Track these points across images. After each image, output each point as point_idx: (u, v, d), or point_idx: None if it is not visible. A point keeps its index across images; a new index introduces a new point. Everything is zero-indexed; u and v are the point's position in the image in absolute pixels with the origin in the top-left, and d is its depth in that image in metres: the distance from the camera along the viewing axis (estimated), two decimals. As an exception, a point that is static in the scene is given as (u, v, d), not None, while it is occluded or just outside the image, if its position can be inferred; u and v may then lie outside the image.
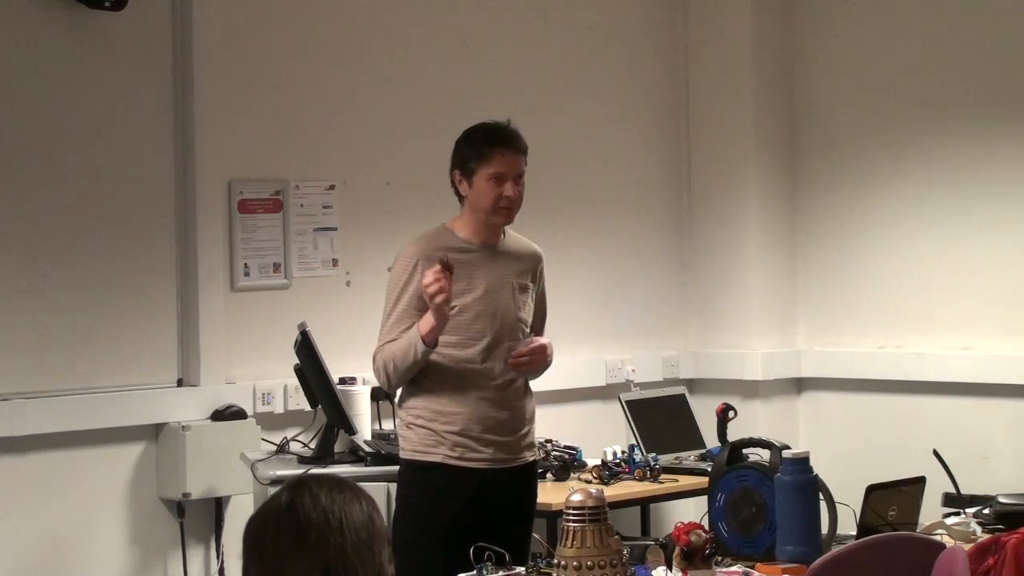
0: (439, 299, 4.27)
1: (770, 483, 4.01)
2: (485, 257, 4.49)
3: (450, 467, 4.41)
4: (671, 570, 3.70)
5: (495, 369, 4.45)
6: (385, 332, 4.48)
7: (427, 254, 4.41)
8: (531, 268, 4.59)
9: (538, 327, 4.64)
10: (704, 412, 6.16)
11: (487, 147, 4.44)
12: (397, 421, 4.58)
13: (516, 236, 4.61)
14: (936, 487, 4.63)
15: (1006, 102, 6.31)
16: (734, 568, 3.86)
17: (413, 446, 4.46)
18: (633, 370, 6.46)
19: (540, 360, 4.51)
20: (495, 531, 4.15)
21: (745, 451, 4.22)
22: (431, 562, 4.20)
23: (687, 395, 6.44)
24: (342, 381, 5.51)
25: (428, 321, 4.33)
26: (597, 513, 3.56)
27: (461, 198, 4.51)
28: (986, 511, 4.55)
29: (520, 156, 4.47)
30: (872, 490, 4.11)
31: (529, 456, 4.57)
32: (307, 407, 5.55)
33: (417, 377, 4.46)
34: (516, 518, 4.47)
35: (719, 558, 3.82)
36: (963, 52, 6.40)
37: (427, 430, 4.42)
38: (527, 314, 4.55)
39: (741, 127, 6.86)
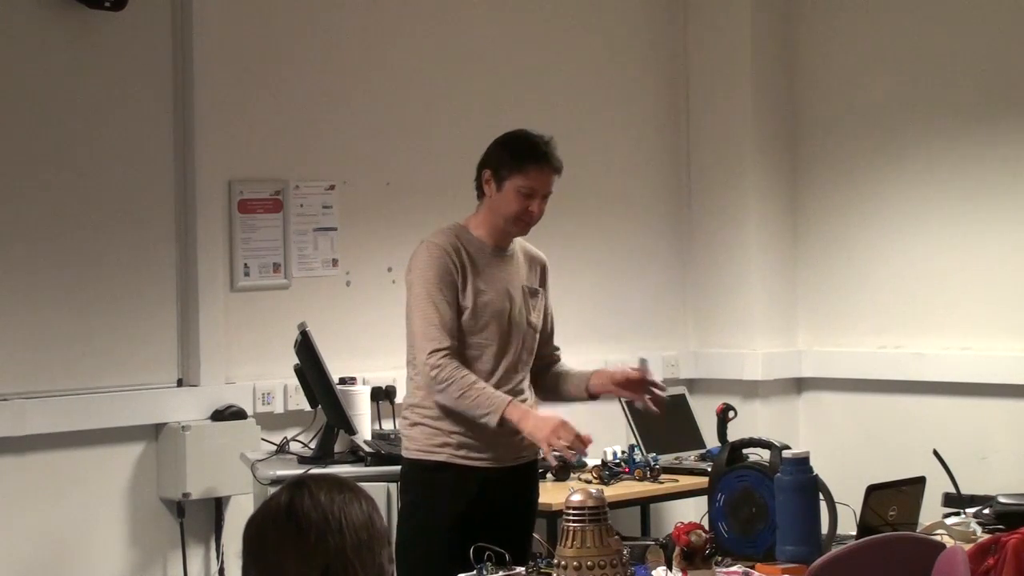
0: (559, 444, 4.25)
1: (770, 483, 4.01)
2: (497, 259, 4.48)
3: (455, 466, 4.40)
4: (671, 570, 3.70)
5: (505, 370, 4.44)
6: (437, 330, 4.31)
7: (454, 246, 4.39)
8: (538, 273, 4.61)
9: (549, 334, 4.64)
10: (704, 412, 6.17)
11: (527, 160, 4.41)
12: (401, 420, 4.57)
13: (523, 241, 4.62)
14: (936, 487, 4.63)
15: (1006, 102, 6.31)
16: (734, 568, 3.86)
17: (418, 445, 4.45)
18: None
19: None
20: (499, 529, 4.16)
21: (745, 451, 4.22)
22: (436, 561, 4.19)
23: (687, 395, 6.44)
24: (342, 381, 5.50)
25: (519, 422, 4.27)
26: (597, 513, 3.56)
27: (480, 196, 4.50)
28: (986, 511, 4.55)
29: (555, 176, 4.46)
30: (872, 490, 4.11)
31: (530, 454, 4.57)
32: (307, 407, 5.55)
33: (422, 375, 4.44)
34: (520, 515, 4.47)
35: (719, 558, 3.82)
36: (963, 52, 6.40)
37: (433, 428, 4.41)
38: (537, 318, 4.55)
39: (741, 127, 6.86)
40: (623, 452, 5.76)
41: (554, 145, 4.47)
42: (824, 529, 4.01)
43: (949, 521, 4.44)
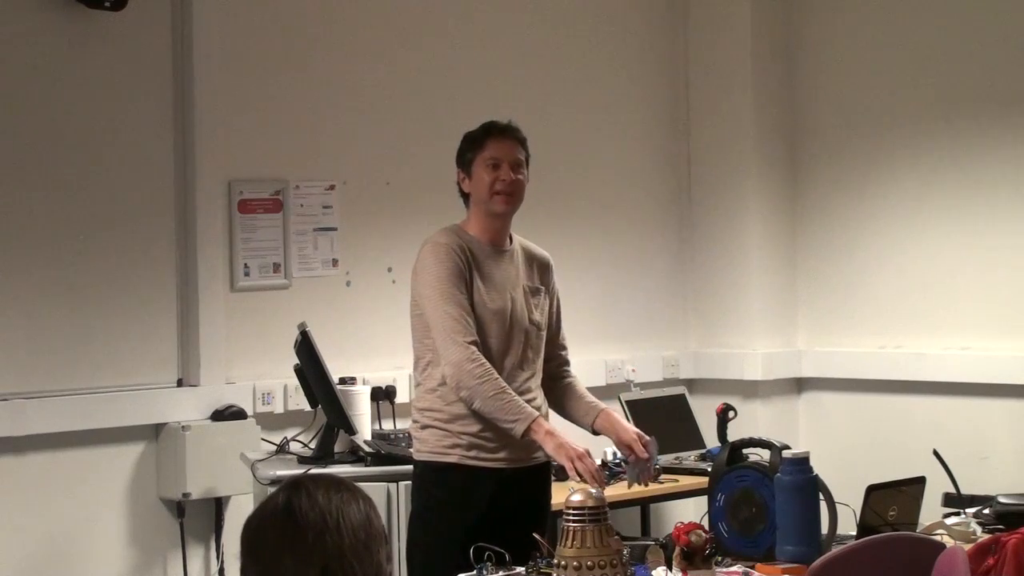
0: (582, 467, 4.24)
1: (770, 483, 4.02)
2: (496, 258, 4.48)
3: (467, 468, 4.40)
4: (671, 570, 3.70)
5: (510, 368, 4.44)
6: (459, 324, 4.31)
7: (459, 243, 4.40)
8: (541, 272, 4.59)
9: (556, 333, 4.64)
10: (704, 412, 6.17)
11: (484, 136, 4.48)
12: (412, 423, 4.56)
13: (525, 241, 4.61)
14: (936, 487, 4.64)
15: (1006, 102, 6.31)
16: (734, 568, 3.86)
17: (429, 448, 4.44)
18: (633, 370, 6.46)
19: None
20: (510, 529, 4.16)
21: (745, 451, 4.22)
22: (450, 562, 4.17)
23: (687, 395, 6.44)
24: (342, 381, 5.51)
25: (541, 439, 4.27)
26: (597, 513, 3.56)
27: (466, 199, 4.51)
28: (986, 511, 4.56)
29: (516, 144, 4.48)
30: (872, 490, 4.11)
31: (543, 455, 4.57)
32: (307, 407, 5.55)
33: (431, 379, 4.43)
34: (531, 517, 4.45)
35: (719, 558, 3.82)
36: (962, 52, 6.40)
37: (443, 431, 4.41)
38: (540, 316, 4.54)
39: (741, 127, 6.86)
40: (623, 452, 5.75)
41: (514, 122, 4.50)
42: (824, 529, 4.01)
43: (949, 521, 4.44)
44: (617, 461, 5.69)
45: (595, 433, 4.59)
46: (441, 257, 4.37)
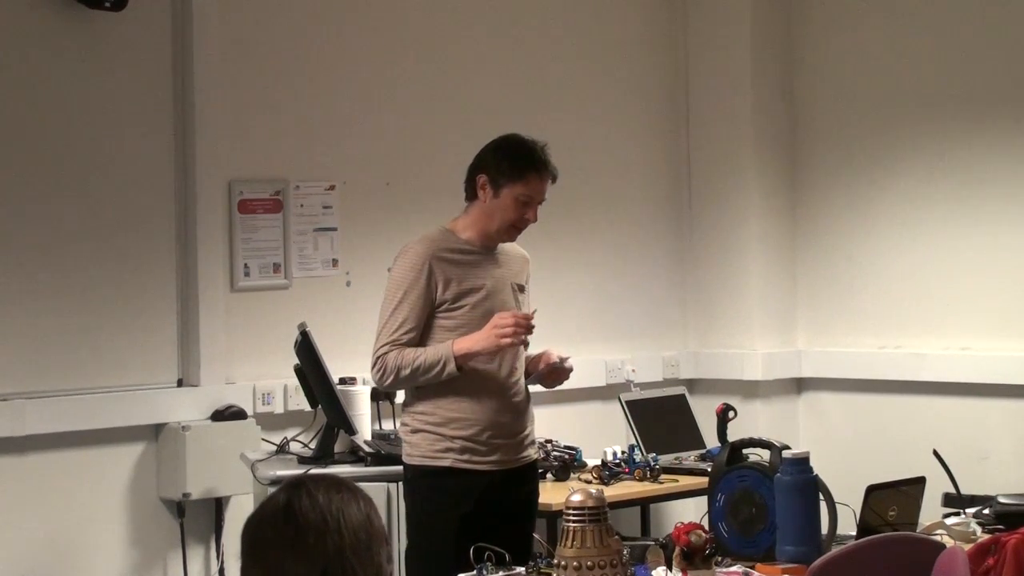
0: (507, 342, 4.31)
1: (770, 483, 4.02)
2: (486, 259, 4.51)
3: (459, 471, 4.41)
4: (671, 570, 3.70)
5: (501, 370, 4.45)
6: (390, 331, 4.44)
7: (436, 255, 4.42)
8: (523, 270, 4.65)
9: None
10: (704, 412, 6.16)
11: (526, 168, 4.46)
12: (401, 426, 4.57)
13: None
14: (936, 487, 4.63)
15: (1006, 102, 6.31)
16: (734, 568, 3.86)
17: (421, 452, 4.45)
18: (633, 370, 6.45)
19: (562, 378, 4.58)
20: (503, 530, 4.18)
21: (745, 451, 4.22)
22: (447, 565, 4.19)
23: (687, 395, 6.43)
24: (342, 381, 5.50)
25: (470, 348, 4.34)
26: (597, 513, 3.56)
27: (472, 199, 4.52)
28: (986, 511, 4.55)
29: (549, 184, 4.53)
30: (872, 490, 4.11)
31: (532, 454, 4.59)
32: (307, 407, 5.55)
33: None
34: (522, 516, 4.49)
35: (719, 558, 3.82)
36: (963, 52, 6.40)
37: (435, 435, 4.42)
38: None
39: (741, 127, 6.86)
40: (623, 452, 5.76)
41: (548, 151, 4.51)
42: (824, 529, 4.01)
43: (949, 521, 4.44)
44: (617, 461, 5.69)
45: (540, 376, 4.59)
46: (406, 267, 4.44)
